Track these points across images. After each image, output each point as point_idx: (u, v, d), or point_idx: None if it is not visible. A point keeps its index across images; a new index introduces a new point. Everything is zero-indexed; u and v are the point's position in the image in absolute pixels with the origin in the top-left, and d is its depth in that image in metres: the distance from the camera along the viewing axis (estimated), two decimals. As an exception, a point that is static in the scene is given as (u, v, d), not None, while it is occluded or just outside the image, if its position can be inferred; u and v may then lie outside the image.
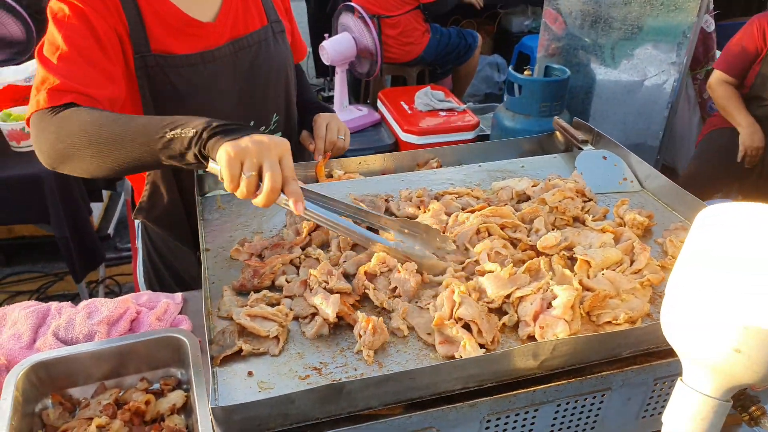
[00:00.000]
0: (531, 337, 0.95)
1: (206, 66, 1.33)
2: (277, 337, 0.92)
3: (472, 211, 1.18)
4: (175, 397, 1.13)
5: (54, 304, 1.33)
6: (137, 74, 1.28)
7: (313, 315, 0.97)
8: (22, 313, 1.30)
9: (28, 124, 1.19)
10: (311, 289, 1.00)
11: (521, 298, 0.97)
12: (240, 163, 0.97)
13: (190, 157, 1.02)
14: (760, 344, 0.63)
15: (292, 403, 0.78)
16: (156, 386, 1.18)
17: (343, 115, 4.00)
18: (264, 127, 1.48)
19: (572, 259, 1.10)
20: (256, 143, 0.97)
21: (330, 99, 5.66)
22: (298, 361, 0.91)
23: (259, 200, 0.99)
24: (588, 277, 1.03)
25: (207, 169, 1.02)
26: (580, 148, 1.50)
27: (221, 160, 0.97)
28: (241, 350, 0.91)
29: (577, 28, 3.52)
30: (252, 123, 1.44)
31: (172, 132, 1.02)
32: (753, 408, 1.03)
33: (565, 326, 0.90)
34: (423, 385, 0.84)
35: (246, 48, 1.40)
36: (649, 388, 0.97)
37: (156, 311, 1.32)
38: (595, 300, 0.94)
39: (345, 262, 1.08)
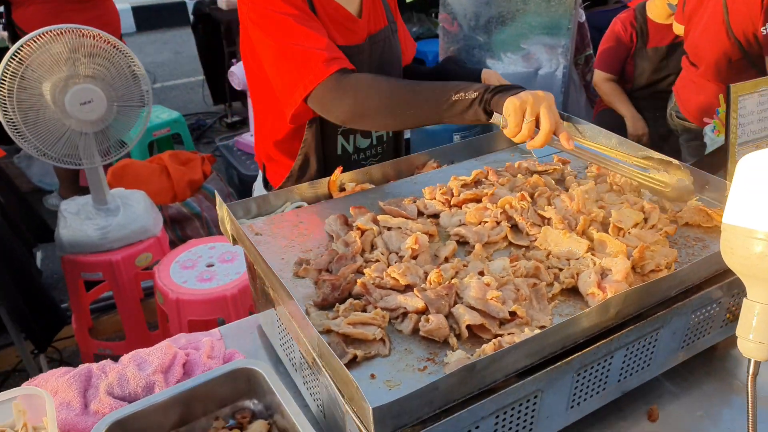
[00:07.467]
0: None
1: (353, 58, 1.48)
2: (383, 339, 0.98)
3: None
4: (258, 428, 1.14)
5: (94, 365, 1.28)
6: None
7: (404, 313, 1.04)
8: (60, 380, 1.24)
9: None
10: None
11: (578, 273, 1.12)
12: (522, 112, 1.19)
13: (470, 114, 1.26)
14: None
15: (436, 390, 0.85)
16: (232, 422, 1.18)
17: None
18: None
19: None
20: (534, 95, 1.20)
21: (234, 124, 5.59)
22: (409, 356, 0.98)
23: (537, 141, 1.21)
24: (623, 237, 1.19)
25: (490, 121, 1.26)
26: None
27: (507, 110, 1.20)
28: (356, 357, 0.96)
29: (471, 28, 3.78)
30: None
31: (457, 95, 1.26)
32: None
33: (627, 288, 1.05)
34: (534, 351, 0.94)
35: (377, 43, 1.60)
36: (688, 320, 1.14)
37: (204, 350, 1.31)
38: (642, 251, 1.11)
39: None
